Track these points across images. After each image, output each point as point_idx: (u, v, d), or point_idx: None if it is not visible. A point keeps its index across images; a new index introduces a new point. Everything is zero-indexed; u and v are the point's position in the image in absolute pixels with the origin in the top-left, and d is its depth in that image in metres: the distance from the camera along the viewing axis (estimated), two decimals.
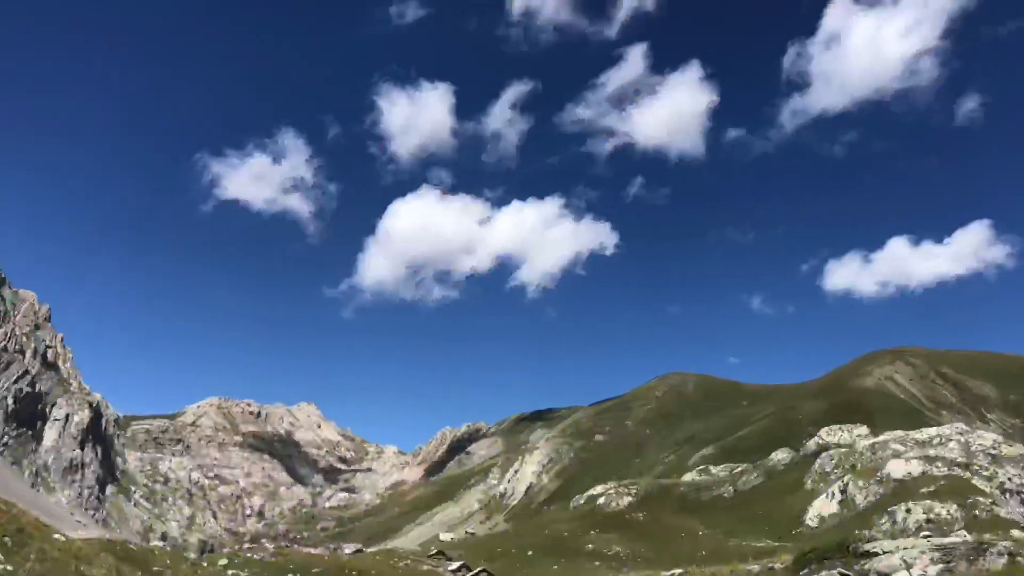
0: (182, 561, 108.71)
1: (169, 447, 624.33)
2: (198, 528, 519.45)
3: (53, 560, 16.20)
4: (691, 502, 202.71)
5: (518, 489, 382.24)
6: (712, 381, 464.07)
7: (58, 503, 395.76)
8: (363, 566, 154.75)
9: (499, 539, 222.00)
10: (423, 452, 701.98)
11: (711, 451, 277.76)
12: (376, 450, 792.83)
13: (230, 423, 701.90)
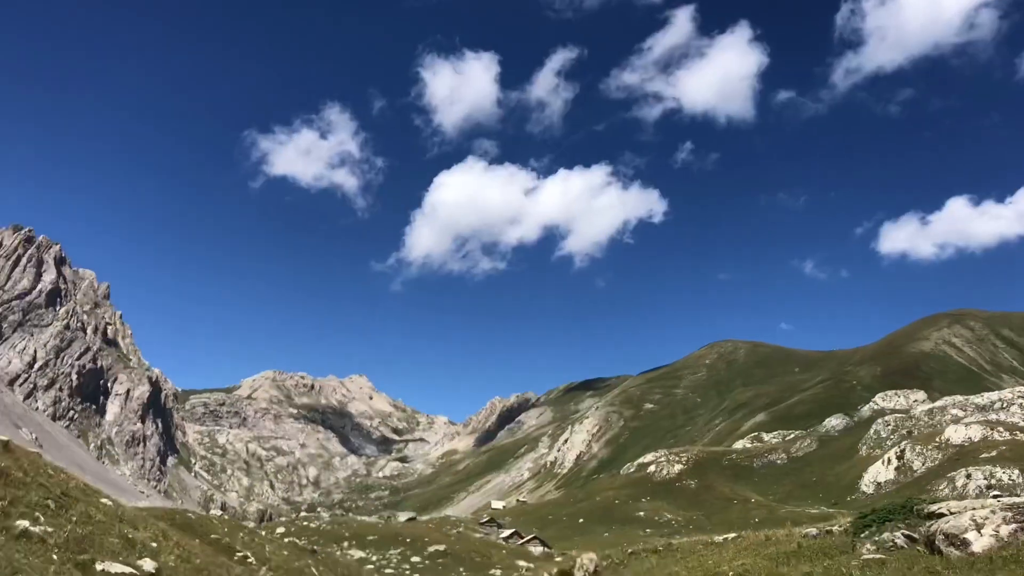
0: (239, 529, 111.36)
1: (226, 420, 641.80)
2: (256, 498, 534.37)
3: (96, 523, 16.36)
4: (743, 469, 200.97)
5: (568, 458, 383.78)
6: (763, 348, 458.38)
7: (122, 475, 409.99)
8: (416, 533, 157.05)
9: (550, 507, 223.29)
10: (473, 422, 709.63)
11: (763, 418, 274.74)
12: (427, 420, 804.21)
13: (285, 396, 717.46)
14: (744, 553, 24.88)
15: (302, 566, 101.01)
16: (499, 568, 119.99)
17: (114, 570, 12.43)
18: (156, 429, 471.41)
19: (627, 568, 30.41)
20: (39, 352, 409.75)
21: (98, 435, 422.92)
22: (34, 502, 15.00)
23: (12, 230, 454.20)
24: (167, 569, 15.76)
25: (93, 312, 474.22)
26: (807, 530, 25.47)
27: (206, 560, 21.76)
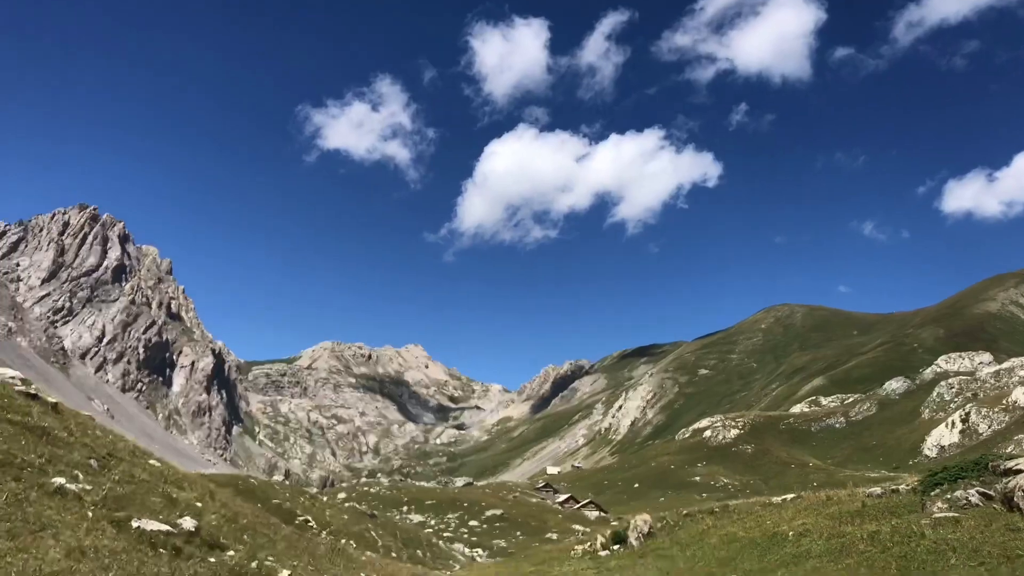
0: (300, 494, 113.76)
1: (288, 390, 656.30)
2: (319, 465, 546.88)
3: (139, 482, 16.30)
4: (800, 434, 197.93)
5: (623, 424, 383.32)
6: (820, 311, 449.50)
7: (190, 444, 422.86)
8: (473, 498, 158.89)
9: (605, 472, 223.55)
10: (527, 389, 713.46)
11: (821, 382, 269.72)
12: (482, 388, 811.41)
13: (343, 365, 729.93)
14: (804, 513, 24.04)
15: (361, 530, 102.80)
16: (555, 532, 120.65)
17: (150, 527, 12.25)
18: (221, 399, 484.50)
19: (681, 529, 29.76)
20: (107, 327, 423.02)
21: (166, 406, 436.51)
22: (75, 461, 14.95)
23: (78, 209, 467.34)
24: (208, 528, 15.61)
25: (157, 287, 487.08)
26: (871, 490, 24.46)
27: (253, 520, 21.75)
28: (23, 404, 16.98)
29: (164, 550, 11.93)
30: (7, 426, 14.39)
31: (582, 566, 29.05)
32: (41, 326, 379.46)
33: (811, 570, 17.70)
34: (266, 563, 14.68)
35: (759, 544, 22.41)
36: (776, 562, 19.90)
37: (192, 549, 13.00)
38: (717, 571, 21.59)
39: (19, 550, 8.81)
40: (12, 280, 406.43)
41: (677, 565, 24.06)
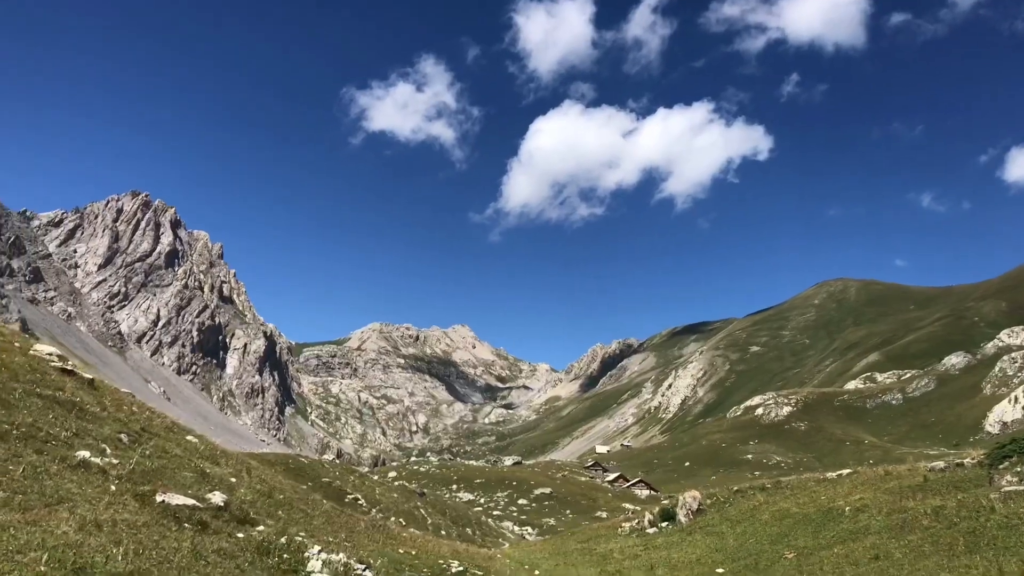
0: (350, 473, 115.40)
1: (338, 370, 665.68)
2: (370, 444, 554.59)
3: (172, 457, 16.05)
4: (855, 410, 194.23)
5: (673, 402, 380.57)
6: (875, 286, 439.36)
7: (244, 424, 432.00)
8: (522, 476, 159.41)
9: (655, 451, 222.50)
10: (575, 369, 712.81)
11: (876, 358, 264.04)
12: (529, 368, 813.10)
13: (392, 346, 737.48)
14: (861, 488, 23.01)
15: (411, 507, 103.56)
16: (605, 510, 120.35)
17: (175, 501, 11.92)
18: (273, 381, 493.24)
19: (732, 506, 28.87)
20: (162, 311, 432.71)
21: (220, 387, 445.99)
22: (105, 435, 14.73)
23: (131, 196, 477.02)
24: (239, 503, 15.29)
25: (209, 271, 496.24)
26: (933, 464, 23.28)
27: (291, 496, 21.52)
28: (57, 379, 16.87)
29: (189, 524, 11.59)
30: (36, 400, 14.24)
31: (629, 543, 28.43)
32: (98, 311, 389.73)
33: (870, 547, 16.81)
34: (296, 538, 14.30)
35: (813, 520, 21.52)
36: (832, 538, 19.01)
37: (220, 524, 12.66)
38: (769, 548, 20.78)
39: (28, 523, 8.48)
40: (70, 267, 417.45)
41: (727, 542, 23.31)
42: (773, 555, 19.80)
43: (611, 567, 24.77)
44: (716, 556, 22.42)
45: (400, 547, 21.66)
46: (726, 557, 21.87)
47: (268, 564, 11.70)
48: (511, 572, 24.04)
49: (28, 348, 18.74)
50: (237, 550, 11.51)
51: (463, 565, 21.34)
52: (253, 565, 11.25)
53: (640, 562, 24.76)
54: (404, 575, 17.65)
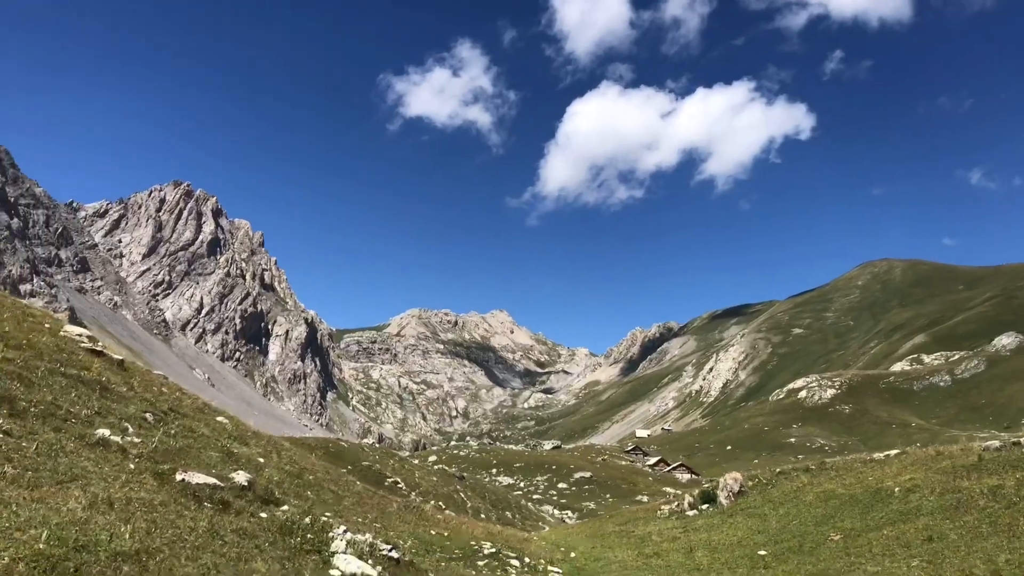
0: (390, 457, 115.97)
1: (378, 356, 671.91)
2: (410, 429, 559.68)
3: (199, 437, 15.85)
4: (901, 393, 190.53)
5: (714, 386, 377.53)
6: (922, 265, 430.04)
7: (287, 410, 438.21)
8: (562, 461, 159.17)
9: (696, 435, 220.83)
10: (614, 353, 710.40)
11: (923, 339, 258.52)
12: (568, 353, 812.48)
13: (431, 332, 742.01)
14: (911, 468, 22.10)
15: (450, 491, 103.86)
16: (645, 494, 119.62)
17: (196, 480, 11.65)
18: (315, 367, 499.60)
19: (775, 488, 28.06)
20: (205, 299, 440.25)
21: (263, 374, 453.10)
22: (129, 414, 14.54)
23: (173, 186, 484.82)
24: (264, 483, 15.02)
25: (250, 259, 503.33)
26: (988, 443, 22.30)
27: (322, 477, 21.28)
28: (85, 360, 16.76)
29: (209, 504, 11.30)
30: (60, 379, 14.10)
31: (668, 525, 27.82)
32: (143, 299, 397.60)
33: (923, 528, 16.03)
34: (322, 518, 13.98)
35: (861, 501, 20.70)
36: (882, 520, 18.23)
37: (242, 504, 12.37)
38: (813, 530, 20.05)
39: (34, 500, 8.21)
40: (115, 256, 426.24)
41: (769, 524, 22.59)
42: (818, 537, 19.06)
43: (649, 549, 24.20)
44: (758, 538, 21.73)
45: (432, 528, 21.36)
46: (768, 539, 21.17)
47: (290, 544, 11.38)
48: (546, 554, 23.64)
49: (58, 329, 18.70)
50: (258, 530, 11.20)
51: (495, 546, 20.97)
52: (274, 545, 10.93)
53: (679, 544, 24.16)
54: (434, 556, 17.30)
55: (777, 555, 18.79)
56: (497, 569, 18.70)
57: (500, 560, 19.74)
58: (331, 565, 11.43)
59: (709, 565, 19.90)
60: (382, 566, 12.39)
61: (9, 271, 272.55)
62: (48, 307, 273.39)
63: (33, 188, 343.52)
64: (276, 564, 9.99)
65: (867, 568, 14.87)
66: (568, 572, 21.15)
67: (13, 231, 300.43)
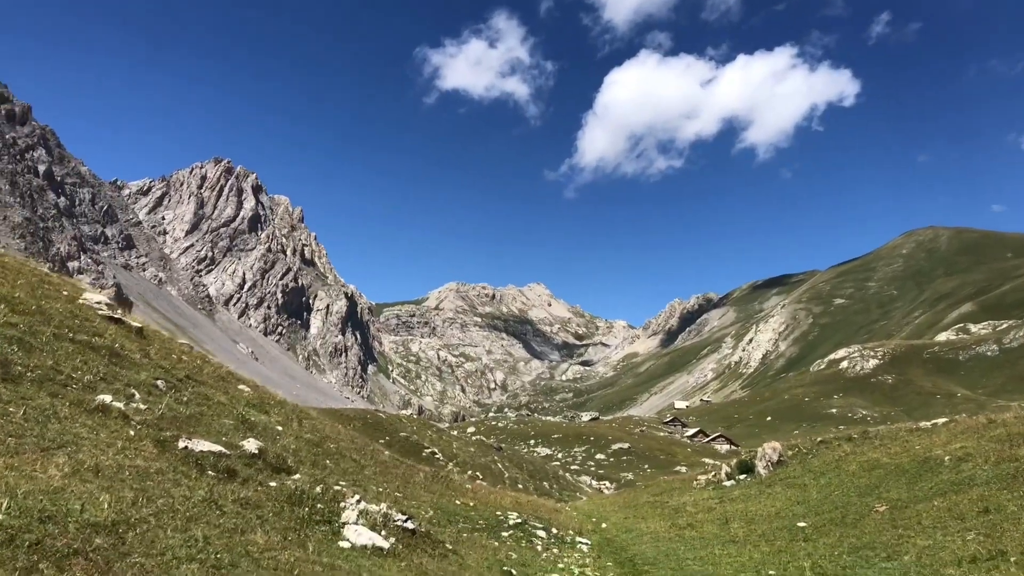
0: (427, 428, 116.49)
1: (417, 329, 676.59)
2: (450, 401, 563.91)
3: (215, 405, 15.41)
4: (946, 363, 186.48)
5: (754, 357, 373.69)
6: (968, 233, 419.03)
7: (329, 383, 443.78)
8: (600, 432, 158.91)
9: (735, 406, 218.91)
10: (652, 325, 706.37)
11: (969, 308, 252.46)
12: (606, 325, 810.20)
13: (468, 305, 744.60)
14: (962, 437, 20.97)
15: (488, 461, 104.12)
16: (684, 465, 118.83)
17: (200, 447, 11.15)
18: (356, 340, 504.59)
19: (815, 457, 27.06)
20: (247, 274, 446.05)
21: (304, 347, 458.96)
22: (139, 381, 14.10)
23: (214, 163, 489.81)
24: (277, 451, 14.52)
25: (290, 235, 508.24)
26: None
27: (346, 446, 20.81)
28: (100, 326, 16.37)
29: (213, 472, 10.80)
30: (66, 344, 13.67)
31: (703, 496, 27.00)
32: (187, 275, 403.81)
33: (977, 499, 15.02)
34: (335, 488, 13.47)
35: (907, 471, 19.64)
36: (931, 490, 17.17)
37: (251, 472, 11.87)
38: (857, 501, 19.06)
39: (9, 468, 7.71)
40: (159, 233, 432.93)
41: (809, 494, 21.64)
42: (862, 508, 18.09)
43: (683, 520, 23.42)
44: (797, 509, 20.82)
45: (459, 498, 20.83)
46: (808, 510, 20.23)
47: (297, 515, 10.84)
48: (577, 525, 23.03)
49: (77, 296, 18.37)
50: (264, 499, 10.68)
51: (522, 517, 20.38)
52: (279, 515, 10.40)
53: (714, 515, 23.33)
54: (455, 526, 16.74)
55: (818, 527, 17.88)
56: (522, 540, 18.10)
57: (525, 531, 19.14)
58: (340, 536, 10.90)
59: (745, 537, 19.06)
60: (395, 537, 11.83)
61: (57, 248, 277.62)
62: (95, 284, 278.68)
63: (79, 167, 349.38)
64: (278, 535, 9.45)
65: (917, 541, 13.91)
66: (597, 543, 20.48)
67: (60, 209, 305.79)
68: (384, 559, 10.76)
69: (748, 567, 15.47)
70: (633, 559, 17.99)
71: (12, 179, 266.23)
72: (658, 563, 17.19)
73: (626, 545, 20.24)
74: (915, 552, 13.31)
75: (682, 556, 17.80)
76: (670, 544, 19.71)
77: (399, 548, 11.49)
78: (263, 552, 8.46)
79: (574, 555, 17.80)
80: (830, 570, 13.88)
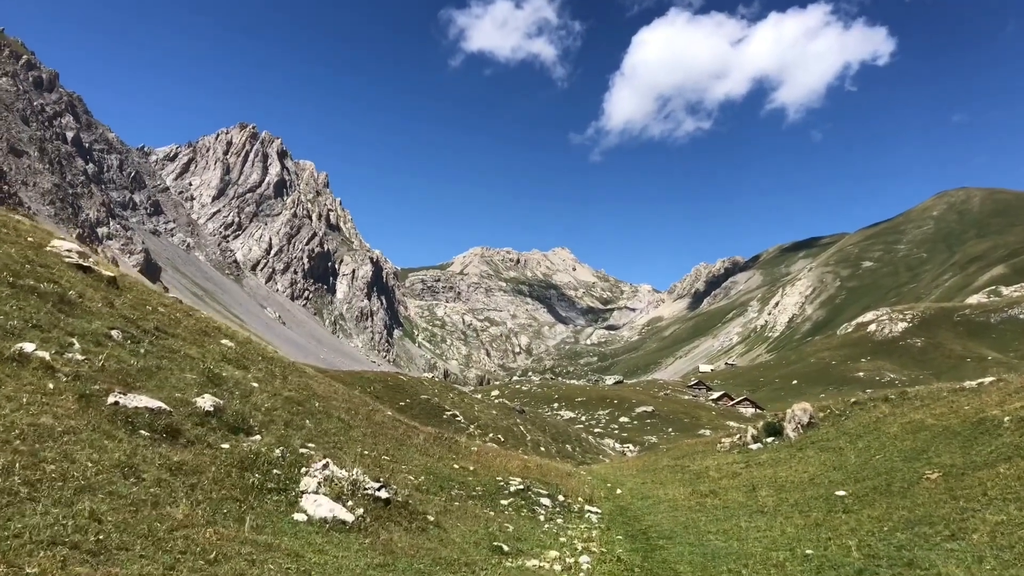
0: (449, 390, 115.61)
1: (442, 294, 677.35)
2: (475, 364, 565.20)
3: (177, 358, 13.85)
4: (977, 326, 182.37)
5: (780, 320, 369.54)
6: (1002, 195, 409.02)
7: (355, 347, 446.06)
8: (624, 395, 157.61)
9: (761, 369, 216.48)
10: (678, 289, 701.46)
11: (1002, 270, 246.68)
12: (631, 289, 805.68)
13: (493, 270, 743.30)
14: (1016, 396, 18.99)
15: (510, 424, 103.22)
16: (708, 428, 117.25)
17: (135, 404, 9.65)
18: (381, 305, 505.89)
19: (849, 419, 25.18)
20: (273, 240, 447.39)
21: (331, 312, 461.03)
22: (87, 330, 12.59)
23: (239, 128, 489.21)
24: (240, 409, 12.97)
25: (316, 200, 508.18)
26: None
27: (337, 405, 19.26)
28: (60, 273, 14.89)
29: (147, 432, 9.27)
30: (5, 288, 12.15)
31: (728, 460, 25.21)
32: (215, 241, 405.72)
33: None
34: (301, 450, 11.95)
35: (959, 433, 17.64)
36: (992, 455, 15.16)
37: (200, 432, 10.34)
38: (903, 467, 17.08)
39: None
40: (187, 199, 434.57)
41: (847, 459, 19.70)
42: (909, 475, 16.14)
43: (704, 487, 21.64)
44: (834, 475, 18.93)
45: (458, 462, 19.26)
46: (847, 477, 18.32)
47: (246, 482, 9.28)
48: (588, 491, 21.38)
49: (44, 243, 16.91)
50: (207, 464, 9.14)
51: (526, 483, 18.73)
52: (219, 483, 8.84)
53: (740, 481, 21.54)
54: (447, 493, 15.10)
55: (860, 496, 15.92)
56: (523, 509, 16.41)
57: (527, 499, 17.46)
58: (296, 507, 9.33)
59: (776, 507, 17.14)
60: (364, 508, 10.24)
61: (87, 214, 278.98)
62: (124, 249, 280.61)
63: (106, 134, 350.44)
64: (208, 508, 7.92)
65: (986, 516, 11.80)
66: (608, 512, 18.77)
67: (89, 176, 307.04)
68: (346, 534, 9.18)
69: (780, 544, 13.49)
70: (647, 531, 16.24)
71: (41, 145, 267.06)
72: (675, 537, 15.41)
73: (641, 515, 18.48)
74: (986, 529, 11.25)
75: (703, 529, 15.97)
76: (690, 514, 17.90)
77: (366, 521, 9.91)
78: (175, 530, 6.92)
79: (580, 526, 16.09)
80: (882, 550, 11.87)
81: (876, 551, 12.22)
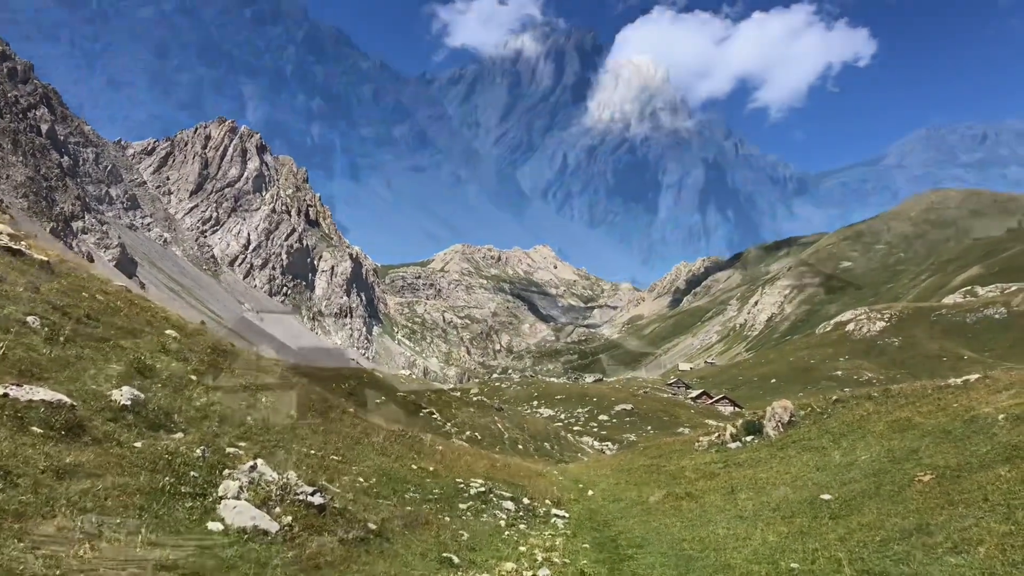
0: (427, 388, 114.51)
1: (423, 291, 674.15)
2: (455, 362, 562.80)
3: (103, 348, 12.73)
4: (954, 325, 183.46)
5: (759, 319, 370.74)
6: (980, 196, 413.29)
7: (334, 344, 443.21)
8: (603, 393, 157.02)
9: (740, 368, 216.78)
10: (658, 287, 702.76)
11: (978, 271, 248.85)
12: (611, 287, 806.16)
13: (474, 268, 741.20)
14: (1006, 393, 18.11)
15: (487, 422, 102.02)
16: (687, 426, 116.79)
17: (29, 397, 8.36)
18: (360, 302, 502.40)
19: (831, 417, 24.32)
20: (252, 235, 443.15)
21: (310, 308, 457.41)
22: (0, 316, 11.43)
23: (218, 123, 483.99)
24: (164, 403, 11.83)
25: (295, 196, 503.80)
26: None
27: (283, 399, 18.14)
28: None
29: (40, 429, 8.15)
30: None
31: (706, 459, 24.25)
32: (192, 236, 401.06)
33: None
34: (228, 449, 10.86)
35: (951, 432, 16.65)
36: (989, 456, 14.10)
37: (110, 429, 9.22)
38: (891, 468, 16.07)
39: None
40: (164, 193, 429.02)
41: (831, 459, 18.69)
42: (900, 477, 15.07)
43: (680, 489, 20.59)
44: (818, 477, 17.90)
45: (419, 463, 18.15)
46: (832, 479, 17.28)
47: (153, 486, 8.20)
48: (557, 493, 20.32)
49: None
50: (110, 465, 8.06)
51: (488, 485, 17.64)
52: (120, 488, 7.75)
53: (718, 483, 20.51)
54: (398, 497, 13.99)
55: (847, 501, 14.77)
56: (482, 514, 15.23)
57: (488, 502, 16.31)
58: (212, 515, 8.24)
59: (755, 512, 15.97)
60: (293, 516, 9.12)
61: (61, 208, 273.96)
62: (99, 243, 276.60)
63: (82, 126, 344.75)
64: (97, 518, 6.81)
65: (990, 525, 10.62)
66: (576, 517, 17.63)
67: (64, 169, 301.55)
68: (267, 547, 8.05)
69: (762, 555, 12.21)
70: (616, 539, 15.07)
71: (14, 138, 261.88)
72: (647, 545, 14.28)
73: (611, 520, 17.33)
74: (993, 541, 10.00)
75: (677, 536, 14.79)
76: (664, 519, 16.76)
77: (295, 531, 8.81)
78: (36, 548, 5.81)
79: (545, 533, 14.92)
80: (876, 565, 10.64)
81: (870, 566, 10.95)
